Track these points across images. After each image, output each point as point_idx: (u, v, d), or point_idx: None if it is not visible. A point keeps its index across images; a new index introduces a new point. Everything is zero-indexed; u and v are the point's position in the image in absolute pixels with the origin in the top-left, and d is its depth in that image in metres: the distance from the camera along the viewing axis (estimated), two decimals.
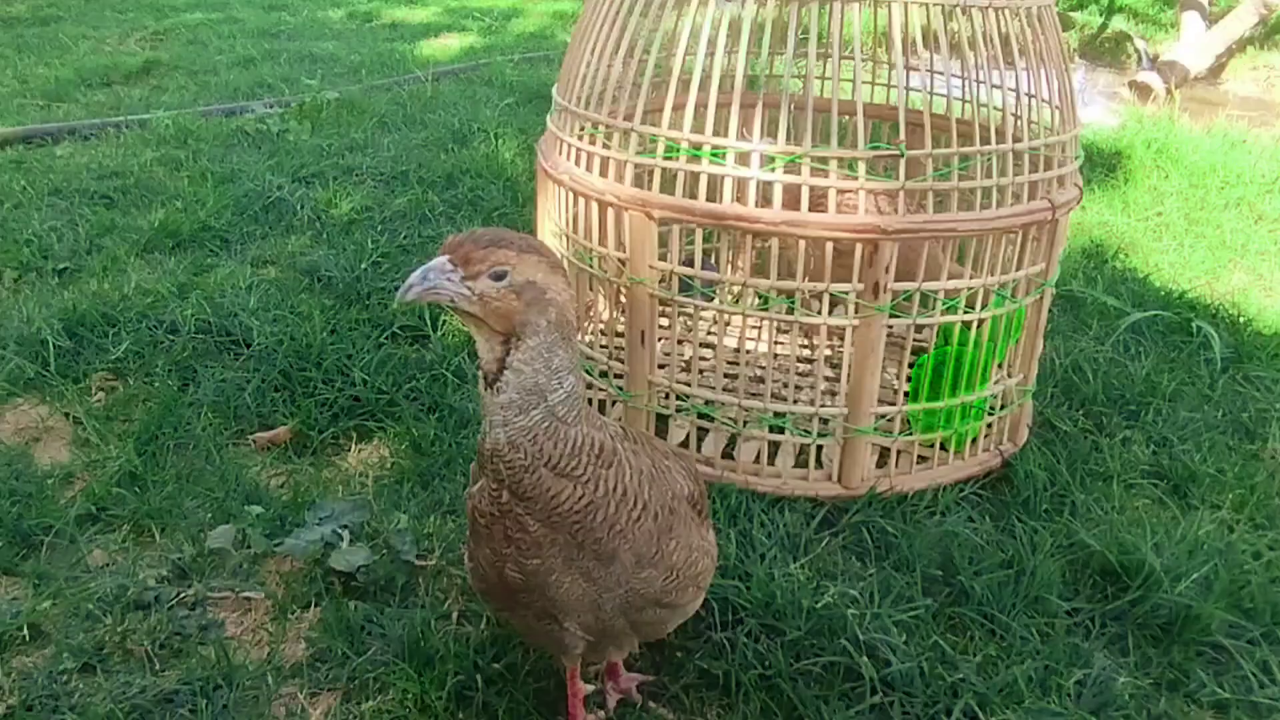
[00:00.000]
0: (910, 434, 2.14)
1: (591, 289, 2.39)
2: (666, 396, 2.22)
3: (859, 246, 1.93)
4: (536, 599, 1.33)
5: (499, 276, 1.16)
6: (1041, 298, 2.18)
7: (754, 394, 2.16)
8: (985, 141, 1.98)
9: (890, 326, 2.03)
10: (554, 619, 1.36)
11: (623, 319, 2.16)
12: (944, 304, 2.03)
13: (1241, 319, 2.98)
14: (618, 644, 1.47)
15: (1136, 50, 6.84)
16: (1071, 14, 7.41)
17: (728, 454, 2.20)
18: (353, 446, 2.29)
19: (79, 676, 1.66)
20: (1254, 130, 4.87)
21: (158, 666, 1.68)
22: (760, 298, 2.22)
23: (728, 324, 2.65)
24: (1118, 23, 7.35)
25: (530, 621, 1.39)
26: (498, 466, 1.23)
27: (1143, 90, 5.97)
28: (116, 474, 2.11)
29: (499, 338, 1.19)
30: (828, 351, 2.44)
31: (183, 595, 1.83)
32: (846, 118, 2.27)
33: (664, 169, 2.02)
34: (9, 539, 1.94)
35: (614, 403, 2.26)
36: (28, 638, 1.73)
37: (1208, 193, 3.98)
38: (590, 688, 1.64)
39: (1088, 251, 3.44)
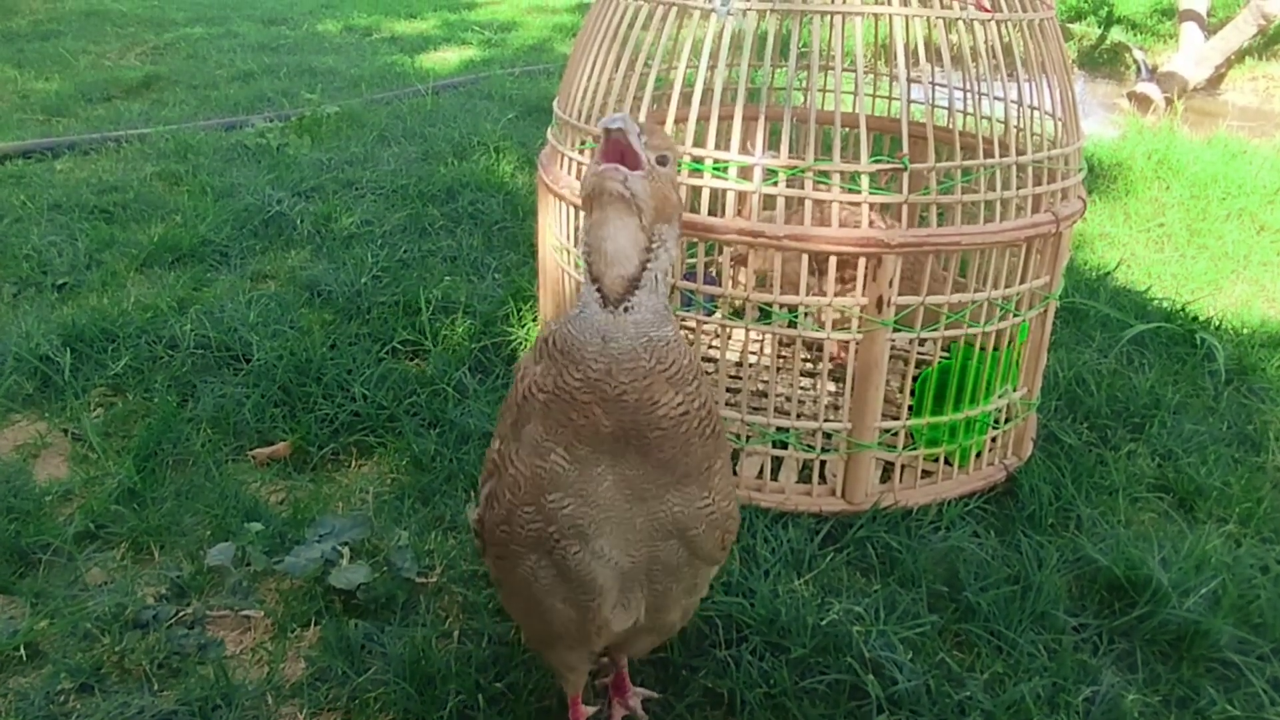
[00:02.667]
0: (914, 448, 2.12)
1: None
2: None
3: (862, 260, 1.92)
4: (570, 501, 1.26)
5: (663, 162, 1.21)
6: (1045, 311, 2.17)
7: (756, 409, 2.15)
8: (988, 154, 1.97)
9: (893, 340, 2.01)
10: (583, 540, 1.28)
11: None
12: (948, 317, 2.02)
13: (1245, 330, 2.97)
14: (626, 601, 1.36)
15: (1135, 61, 6.85)
16: (1070, 25, 7.42)
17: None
18: (353, 462, 2.28)
19: (76, 697, 1.65)
20: (1254, 141, 4.87)
21: (156, 686, 1.67)
22: (762, 311, 2.21)
23: (729, 338, 2.63)
24: (1116, 34, 7.36)
25: (555, 556, 1.30)
26: (605, 368, 1.21)
27: (1142, 101, 5.97)
28: (115, 491, 2.10)
29: (640, 239, 1.20)
30: (830, 365, 2.42)
31: (181, 614, 1.82)
32: (848, 130, 2.26)
33: None
34: (6, 557, 1.93)
35: None
36: (24, 657, 1.71)
37: (1209, 203, 3.98)
38: (592, 709, 1.62)
39: (1090, 263, 3.43)
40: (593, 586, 1.33)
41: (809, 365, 2.59)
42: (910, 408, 2.14)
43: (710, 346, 2.64)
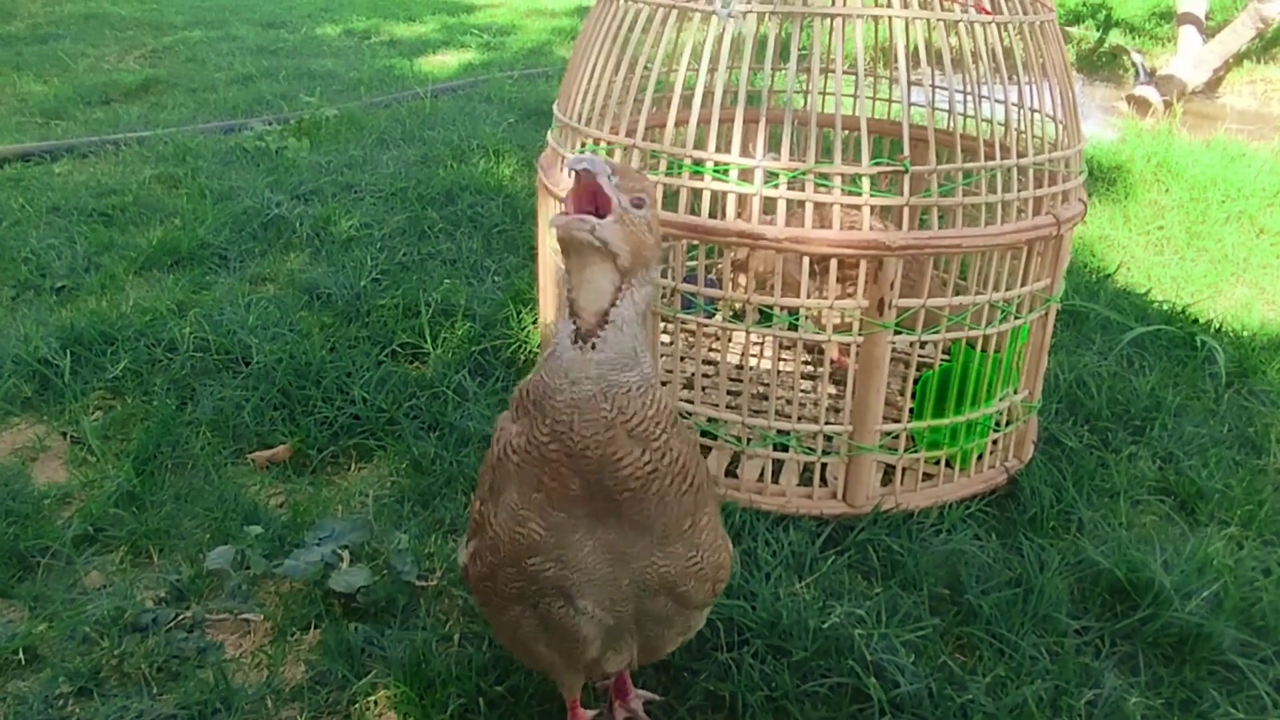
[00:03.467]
0: (915, 451, 2.12)
1: None
2: None
3: (863, 263, 1.92)
4: (551, 565, 1.26)
5: (639, 204, 1.18)
6: (1047, 313, 2.17)
7: (757, 411, 2.14)
8: (989, 157, 1.97)
9: (893, 343, 2.01)
10: (566, 598, 1.29)
11: None
12: (949, 320, 2.01)
13: (1245, 333, 2.97)
14: (618, 646, 1.39)
15: (1134, 64, 6.86)
16: (1069, 28, 7.43)
17: (731, 472, 2.18)
18: (352, 465, 2.27)
19: (75, 700, 1.64)
20: (1253, 144, 4.87)
21: (155, 690, 1.66)
22: (762, 314, 2.21)
23: (730, 341, 2.63)
24: (1115, 37, 7.37)
25: (540, 609, 1.31)
26: (569, 419, 1.19)
27: (1140, 104, 5.98)
28: (114, 494, 2.09)
29: (614, 279, 1.18)
30: (831, 368, 2.42)
31: (181, 617, 1.81)
32: (849, 133, 2.26)
33: (666, 185, 2.00)
34: (5, 560, 1.92)
35: None
36: (23, 661, 1.71)
37: (1208, 206, 3.98)
38: (592, 713, 1.62)
39: (1090, 265, 3.43)
40: (578, 638, 1.34)
41: (810, 368, 2.58)
42: (911, 410, 2.13)
43: (711, 349, 2.63)
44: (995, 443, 2.21)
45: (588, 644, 1.35)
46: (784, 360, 2.54)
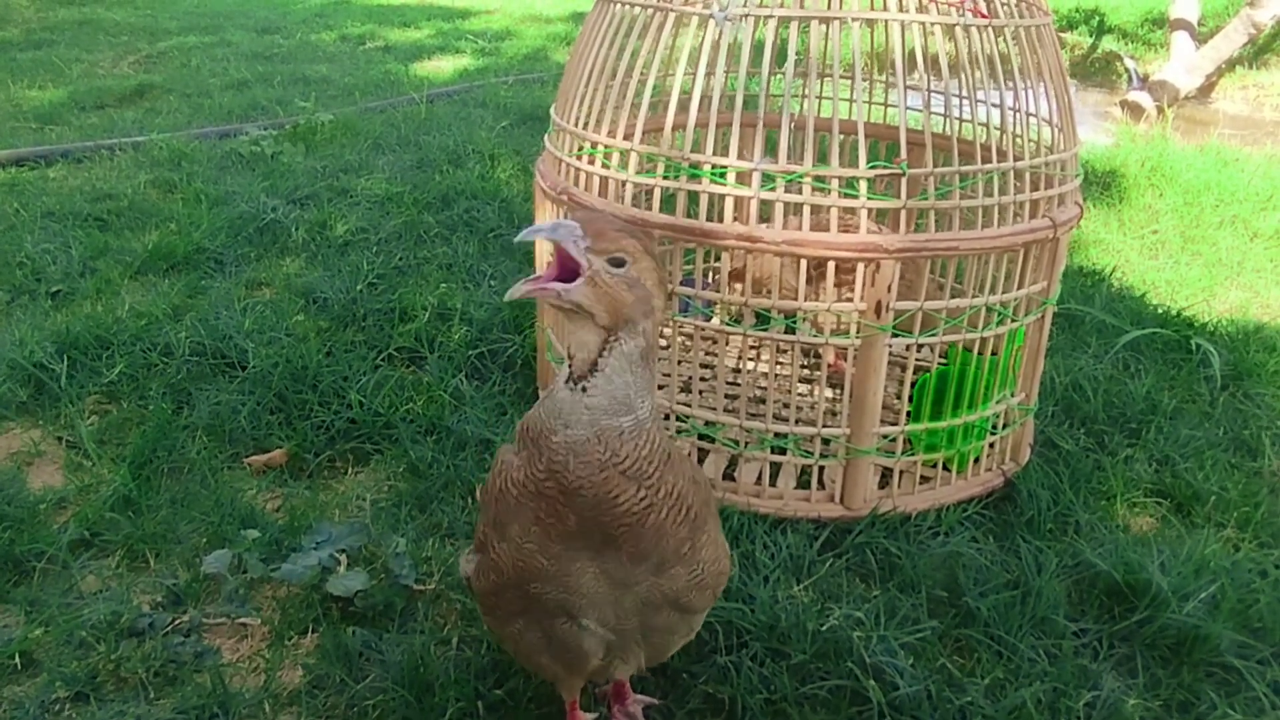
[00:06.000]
0: (912, 454, 2.12)
1: None
2: (666, 417, 2.20)
3: (860, 265, 1.92)
4: (553, 590, 1.28)
5: (618, 264, 1.17)
6: (1043, 316, 2.17)
7: (755, 415, 2.15)
8: (986, 160, 1.98)
9: (890, 346, 2.01)
10: (570, 616, 1.31)
11: None
12: (946, 323, 2.02)
13: (1240, 336, 2.97)
14: (625, 655, 1.42)
15: (1127, 70, 6.88)
16: (1062, 34, 7.46)
17: (729, 475, 2.18)
18: (349, 469, 2.27)
19: (72, 706, 1.63)
20: (1246, 149, 4.89)
21: (152, 695, 1.65)
22: (759, 317, 2.21)
23: (727, 344, 2.63)
24: (1108, 43, 7.40)
25: (544, 624, 1.33)
26: (564, 460, 1.20)
27: (1134, 109, 6.00)
28: (110, 498, 2.08)
29: (598, 334, 1.19)
30: (829, 372, 2.42)
31: (177, 622, 1.80)
32: (844, 137, 2.26)
33: (663, 188, 2.01)
34: (0, 565, 1.91)
35: None
36: (19, 666, 1.70)
37: (1202, 210, 3.99)
38: (591, 716, 1.61)
39: (1085, 269, 3.44)
40: (582, 652, 1.36)
41: (807, 371, 2.58)
42: (908, 413, 2.13)
43: (708, 353, 2.63)
44: (992, 446, 2.21)
45: (591, 656, 1.37)
46: (781, 364, 2.54)
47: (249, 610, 1.84)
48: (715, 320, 2.59)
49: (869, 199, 1.91)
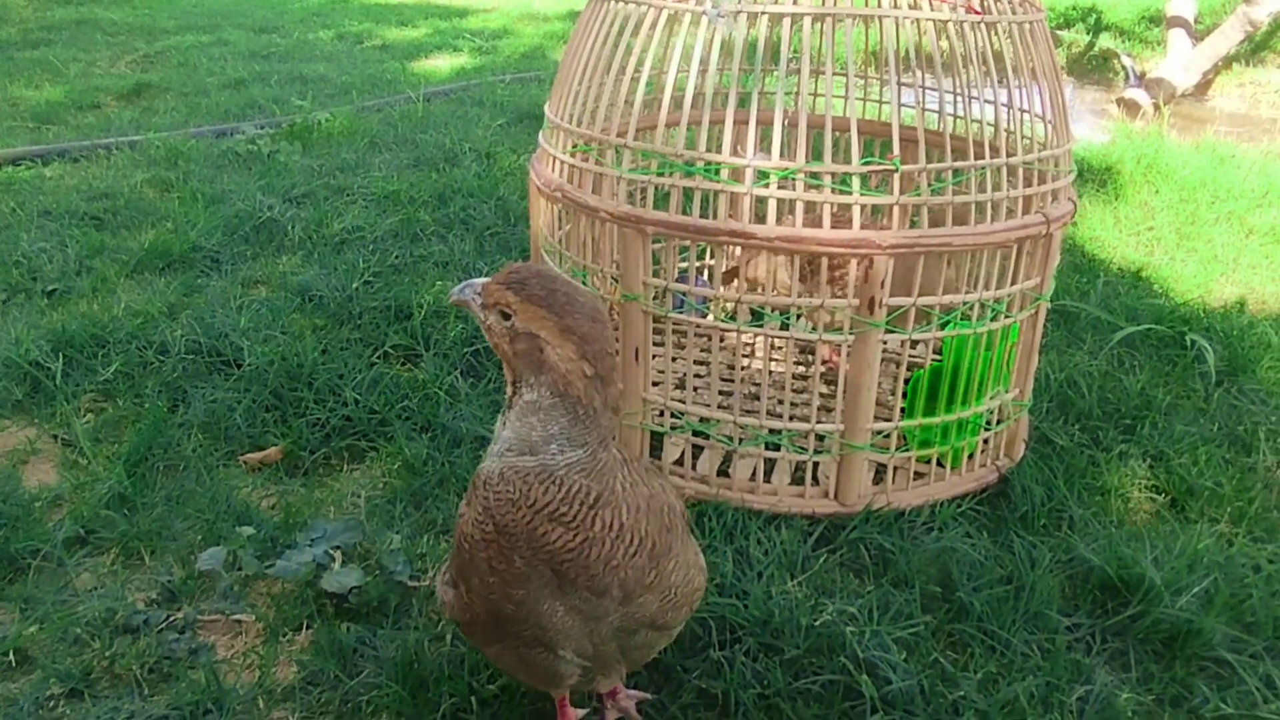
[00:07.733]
0: (907, 450, 2.13)
1: None
2: (661, 414, 2.20)
3: (854, 262, 1.93)
4: (527, 628, 1.29)
5: (505, 315, 1.19)
6: (1036, 312, 2.18)
7: (749, 411, 2.15)
8: (979, 156, 1.98)
9: (884, 342, 2.02)
10: (547, 647, 1.32)
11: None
12: (940, 319, 2.02)
13: (1234, 332, 2.97)
14: (606, 672, 1.43)
15: (1124, 67, 6.89)
16: (1059, 32, 7.46)
17: (723, 471, 2.19)
18: (345, 467, 2.27)
19: (66, 702, 1.63)
20: (1242, 145, 4.90)
21: (147, 691, 1.66)
22: (754, 314, 2.21)
23: (722, 340, 2.63)
24: (1105, 40, 7.40)
25: (521, 651, 1.35)
26: (486, 495, 1.22)
27: (1130, 107, 6.00)
28: (105, 496, 2.09)
29: (510, 375, 1.22)
30: (823, 369, 2.43)
31: (172, 618, 1.81)
32: (839, 133, 2.26)
33: (657, 185, 2.01)
34: None
35: None
36: (14, 663, 1.70)
37: (1198, 207, 3.99)
38: (583, 711, 1.62)
39: (1080, 266, 3.44)
40: (559, 675, 1.39)
41: (801, 367, 2.59)
42: (902, 409, 2.14)
43: (703, 350, 2.64)
44: (986, 441, 2.21)
45: (570, 678, 1.40)
46: (775, 360, 2.54)
47: (244, 607, 1.84)
48: (710, 317, 2.59)
49: (862, 195, 1.91)
